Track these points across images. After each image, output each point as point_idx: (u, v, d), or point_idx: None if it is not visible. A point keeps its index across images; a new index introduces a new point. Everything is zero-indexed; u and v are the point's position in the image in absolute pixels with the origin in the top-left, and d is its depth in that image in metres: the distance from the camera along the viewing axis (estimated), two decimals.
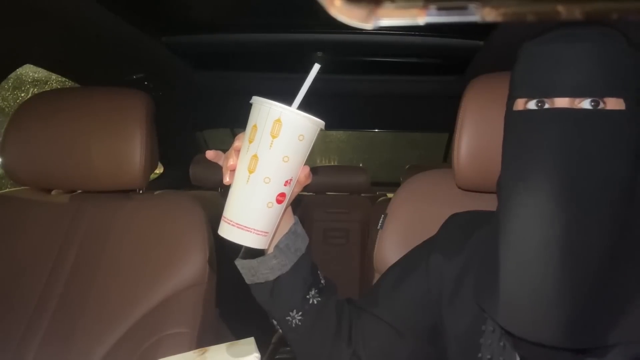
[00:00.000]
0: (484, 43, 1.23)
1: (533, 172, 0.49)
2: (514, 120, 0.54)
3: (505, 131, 0.57)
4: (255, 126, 0.50)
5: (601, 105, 0.48)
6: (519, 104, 0.53)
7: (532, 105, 0.52)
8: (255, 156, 0.50)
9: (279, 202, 0.52)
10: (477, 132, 0.76)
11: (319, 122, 0.51)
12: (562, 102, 0.49)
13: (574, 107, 0.49)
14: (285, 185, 0.51)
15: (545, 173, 0.48)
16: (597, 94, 0.48)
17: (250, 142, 0.50)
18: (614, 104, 0.48)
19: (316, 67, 0.52)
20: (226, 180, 0.54)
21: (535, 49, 0.52)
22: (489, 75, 0.78)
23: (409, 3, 0.25)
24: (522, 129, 0.52)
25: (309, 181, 0.55)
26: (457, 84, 1.53)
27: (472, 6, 0.24)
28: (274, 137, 0.49)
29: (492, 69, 0.77)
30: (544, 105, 0.51)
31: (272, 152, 0.49)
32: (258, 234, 0.51)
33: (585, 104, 0.48)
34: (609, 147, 0.47)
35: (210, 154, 0.56)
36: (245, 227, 0.51)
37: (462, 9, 0.24)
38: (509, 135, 0.55)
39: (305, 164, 0.53)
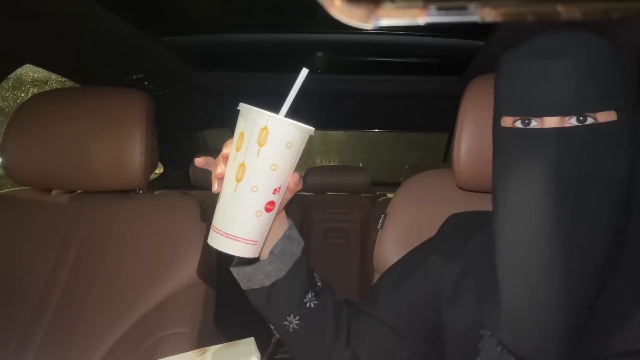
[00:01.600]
0: (484, 43, 1.23)
1: (527, 191, 0.47)
2: (503, 137, 0.52)
3: (494, 144, 0.55)
4: (242, 134, 0.49)
5: (592, 120, 0.46)
6: (507, 121, 0.51)
7: (519, 123, 0.50)
8: (242, 165, 0.49)
9: (268, 210, 0.51)
10: (477, 132, 0.76)
11: (308, 129, 0.50)
12: (551, 122, 0.47)
13: (565, 125, 0.47)
14: (273, 193, 0.51)
15: (540, 192, 0.46)
16: (587, 110, 0.46)
17: (238, 150, 0.49)
18: (605, 116, 0.46)
19: (304, 72, 0.51)
20: (214, 188, 0.53)
21: (519, 65, 0.49)
22: (489, 75, 0.78)
23: (409, 3, 0.24)
24: (512, 147, 0.50)
25: (299, 188, 0.54)
26: (457, 84, 1.53)
27: (472, 6, 0.24)
28: (261, 145, 0.48)
29: (492, 69, 0.77)
30: (531, 123, 0.49)
31: (260, 160, 0.48)
32: (247, 243, 0.51)
33: (576, 120, 0.46)
34: (604, 159, 0.46)
35: (199, 162, 0.54)
36: (234, 236, 0.50)
37: (462, 9, 0.24)
38: (499, 151, 0.53)
39: (295, 170, 0.52)
